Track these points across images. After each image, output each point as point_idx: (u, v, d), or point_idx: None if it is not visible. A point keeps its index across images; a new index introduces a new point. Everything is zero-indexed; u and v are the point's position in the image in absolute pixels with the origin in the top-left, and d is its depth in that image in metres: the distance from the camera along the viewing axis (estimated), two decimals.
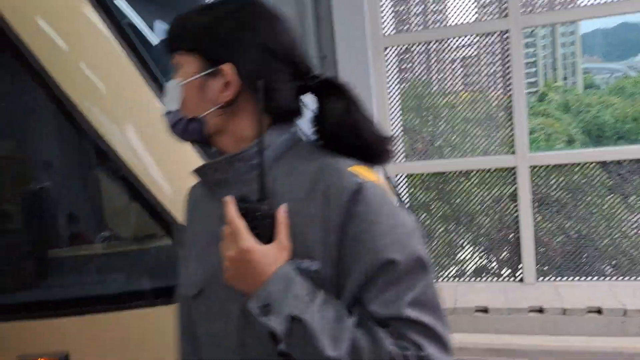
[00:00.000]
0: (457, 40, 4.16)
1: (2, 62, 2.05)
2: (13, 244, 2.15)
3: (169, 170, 1.89)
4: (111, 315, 1.86)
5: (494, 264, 4.30)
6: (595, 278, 3.99)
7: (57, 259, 2.11)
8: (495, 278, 4.22)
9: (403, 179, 4.36)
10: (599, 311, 3.51)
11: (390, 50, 4.20)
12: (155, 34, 2.34)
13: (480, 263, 4.35)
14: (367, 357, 0.83)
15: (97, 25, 1.98)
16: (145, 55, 1.99)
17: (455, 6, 4.09)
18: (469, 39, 4.16)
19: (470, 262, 4.31)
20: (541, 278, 4.09)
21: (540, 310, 3.62)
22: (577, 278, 4.03)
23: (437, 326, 0.86)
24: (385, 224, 0.87)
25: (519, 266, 4.13)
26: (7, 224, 2.21)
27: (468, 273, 4.34)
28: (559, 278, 4.08)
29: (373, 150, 0.97)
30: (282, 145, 0.99)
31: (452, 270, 4.41)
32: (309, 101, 1.03)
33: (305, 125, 1.04)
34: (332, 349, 0.82)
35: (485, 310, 3.70)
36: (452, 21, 4.16)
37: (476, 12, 4.12)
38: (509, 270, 4.18)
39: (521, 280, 4.12)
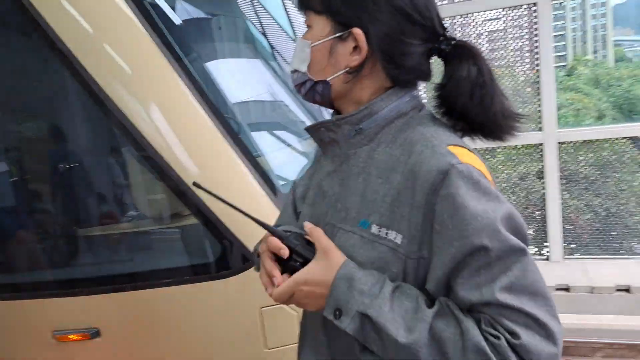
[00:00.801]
0: (484, 14, 4.06)
1: (29, 44, 2.08)
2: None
3: (192, 148, 1.91)
4: (140, 293, 1.91)
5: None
6: (625, 256, 3.92)
7: (88, 237, 2.16)
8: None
9: None
10: (627, 290, 3.46)
11: None
12: (177, 13, 2.34)
13: None
14: (451, 348, 0.80)
15: (119, 5, 1.98)
16: (167, 35, 1.99)
17: None
18: (495, 13, 4.05)
19: None
20: (568, 256, 4.04)
21: (567, 289, 3.58)
22: (605, 256, 3.97)
23: (537, 313, 0.79)
24: (474, 208, 0.81)
25: (546, 244, 4.08)
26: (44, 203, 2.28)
27: None
28: (587, 256, 4.02)
29: (498, 126, 0.93)
30: (393, 112, 0.95)
31: None
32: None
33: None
34: (404, 337, 0.81)
35: None
36: None
37: None
38: (536, 249, 4.13)
39: (547, 258, 4.07)
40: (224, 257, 1.88)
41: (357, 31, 0.91)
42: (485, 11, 4.07)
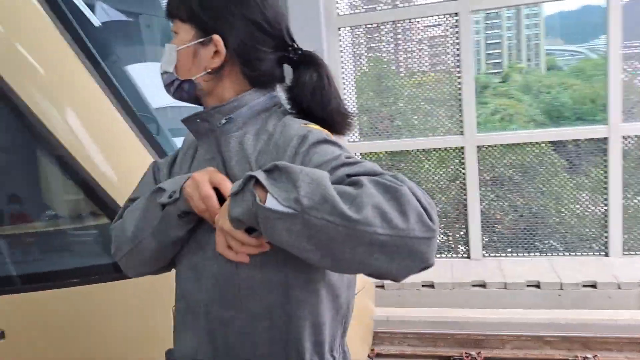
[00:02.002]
0: (424, 20, 4.22)
1: None
2: None
3: (104, 146, 1.92)
4: (48, 293, 1.90)
5: (452, 240, 4.43)
6: (543, 254, 4.17)
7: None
8: (454, 254, 4.36)
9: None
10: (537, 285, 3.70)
11: (343, 30, 4.27)
12: (96, 15, 2.33)
13: (439, 240, 4.47)
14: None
15: (34, 4, 1.97)
16: (82, 36, 2.00)
17: None
18: (435, 19, 4.20)
19: None
20: (490, 254, 4.27)
21: (483, 285, 3.79)
22: (525, 254, 4.22)
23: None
24: (327, 148, 0.97)
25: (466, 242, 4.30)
26: None
27: None
28: (508, 254, 4.25)
29: (335, 122, 1.08)
30: (257, 106, 1.09)
31: None
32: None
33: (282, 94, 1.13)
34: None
35: (431, 285, 3.85)
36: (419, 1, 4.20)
37: None
38: (466, 247, 4.32)
39: (468, 256, 4.29)
40: None
41: (217, 37, 1.05)
42: (413, 19, 4.24)
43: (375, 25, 4.34)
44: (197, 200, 0.98)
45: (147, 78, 2.41)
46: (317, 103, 1.06)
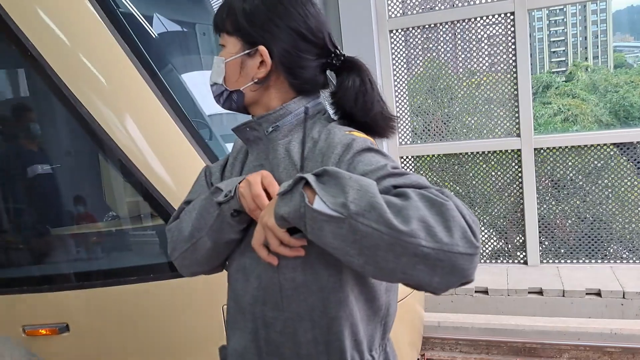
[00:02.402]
0: (482, 20, 4.14)
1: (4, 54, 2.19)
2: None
3: (159, 151, 2.02)
4: (109, 290, 2.02)
5: (509, 246, 4.32)
6: (605, 261, 4.00)
7: (62, 237, 2.27)
8: (510, 260, 4.25)
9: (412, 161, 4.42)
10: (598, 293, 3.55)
11: (395, 32, 4.25)
12: (153, 27, 2.45)
13: (496, 246, 4.37)
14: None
15: (94, 16, 2.09)
16: (140, 46, 2.10)
17: None
18: (493, 19, 4.11)
19: (487, 245, 4.35)
20: (548, 261, 4.12)
21: (540, 292, 3.67)
22: (586, 261, 4.05)
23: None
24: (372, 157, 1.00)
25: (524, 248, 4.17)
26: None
27: (484, 256, 4.35)
28: (567, 261, 4.10)
29: (378, 126, 1.12)
30: (302, 114, 1.13)
31: None
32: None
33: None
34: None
35: (485, 291, 3.77)
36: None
37: None
38: (523, 253, 4.19)
39: (525, 262, 4.17)
40: None
41: (262, 48, 1.10)
42: (469, 19, 4.16)
43: (431, 25, 4.28)
44: (249, 199, 1.02)
45: (202, 86, 2.51)
46: (360, 108, 1.09)
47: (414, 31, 4.32)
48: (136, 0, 2.28)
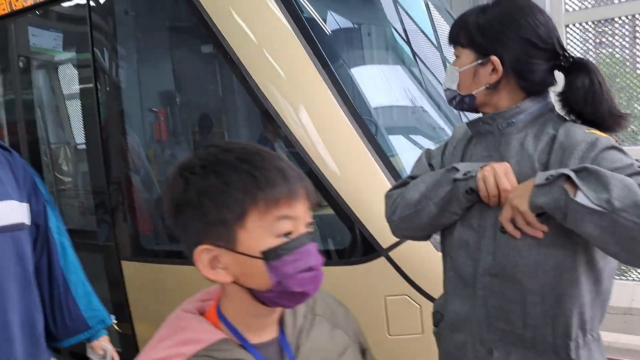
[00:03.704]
0: None
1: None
2: None
3: (332, 147, 2.11)
4: None
5: None
6: None
7: None
8: None
9: None
10: None
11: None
12: (327, 24, 2.56)
13: None
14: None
15: (280, 18, 2.25)
16: (317, 43, 2.22)
17: None
18: None
19: None
20: None
21: None
22: None
23: None
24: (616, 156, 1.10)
25: None
26: None
27: None
28: None
29: (606, 123, 1.20)
30: (535, 112, 1.24)
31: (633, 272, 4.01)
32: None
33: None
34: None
35: None
36: None
37: None
38: None
39: None
40: (354, 245, 2.05)
41: (494, 58, 1.22)
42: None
43: (608, 19, 3.92)
44: (492, 185, 1.15)
45: (369, 80, 2.57)
46: (588, 106, 1.18)
47: (586, 26, 3.99)
48: (314, 2, 2.40)
